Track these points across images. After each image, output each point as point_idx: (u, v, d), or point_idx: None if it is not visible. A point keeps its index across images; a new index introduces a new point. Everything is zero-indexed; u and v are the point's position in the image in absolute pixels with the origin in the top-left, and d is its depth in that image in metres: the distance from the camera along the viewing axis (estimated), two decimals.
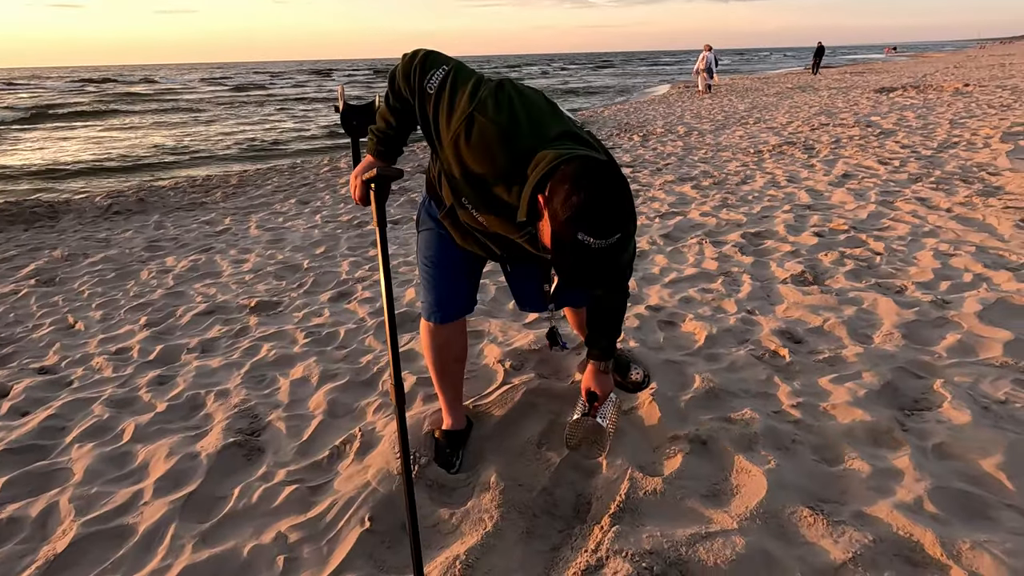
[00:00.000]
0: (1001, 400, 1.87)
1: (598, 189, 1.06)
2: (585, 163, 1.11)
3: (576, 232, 1.05)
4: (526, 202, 1.18)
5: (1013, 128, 6.90)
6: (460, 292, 1.69)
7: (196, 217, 5.44)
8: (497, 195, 1.27)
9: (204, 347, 2.71)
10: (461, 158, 1.26)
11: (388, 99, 1.42)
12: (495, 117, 1.22)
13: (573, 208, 1.05)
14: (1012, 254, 3.03)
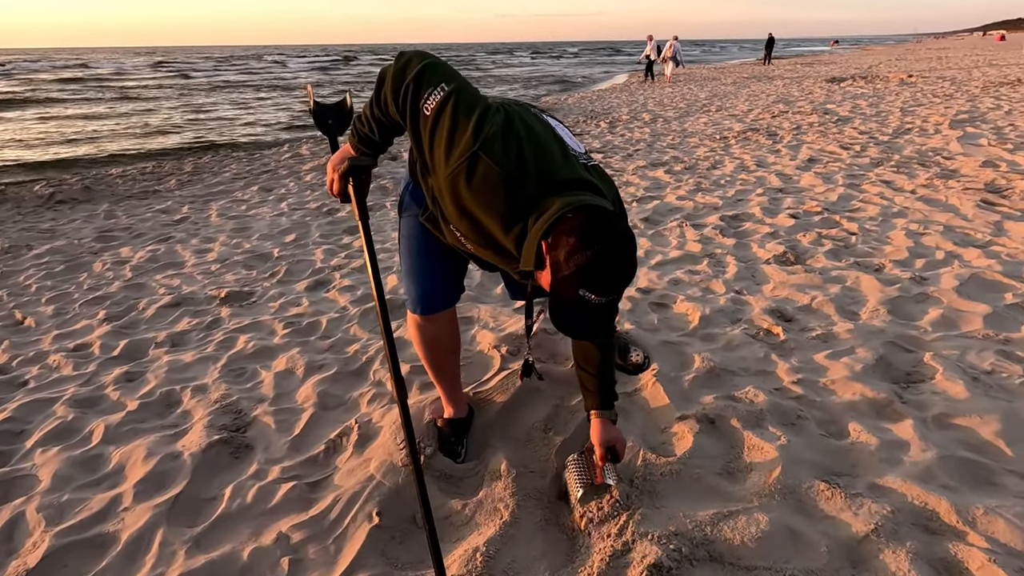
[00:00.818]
0: (988, 371, 1.93)
1: (604, 248, 1.01)
2: (592, 216, 1.04)
3: (578, 289, 1.01)
4: (532, 252, 1.10)
5: (959, 116, 7.24)
6: (446, 281, 1.57)
7: (150, 206, 5.12)
8: (492, 234, 1.19)
9: (174, 341, 2.53)
10: (458, 196, 1.15)
11: (373, 107, 1.24)
12: (502, 161, 1.10)
13: (577, 266, 1.01)
14: (977, 232, 3.16)
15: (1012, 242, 2.98)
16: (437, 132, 1.13)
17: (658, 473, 1.53)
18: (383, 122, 1.25)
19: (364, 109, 1.28)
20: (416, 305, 1.58)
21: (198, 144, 9.46)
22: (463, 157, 1.10)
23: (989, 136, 5.79)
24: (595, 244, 1.01)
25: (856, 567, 1.25)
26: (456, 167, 1.11)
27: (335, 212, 4.56)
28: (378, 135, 1.28)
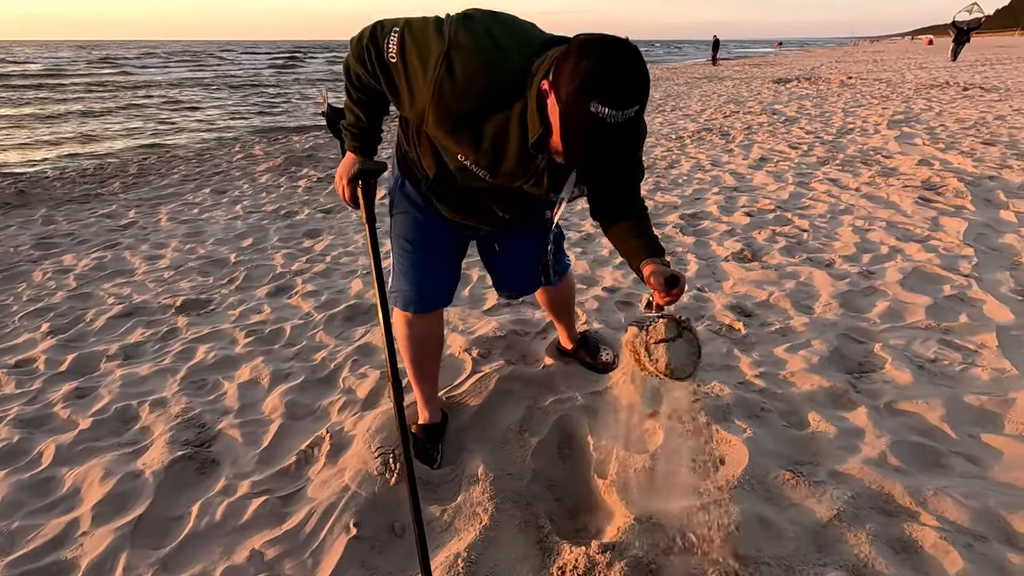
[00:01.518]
0: (932, 359, 2.06)
1: (611, 52, 0.92)
2: (591, 35, 0.97)
3: (589, 103, 0.90)
4: (535, 110, 1.02)
5: (895, 116, 7.66)
6: (442, 279, 1.59)
7: (93, 210, 4.85)
8: (496, 134, 1.12)
9: (127, 353, 2.41)
10: (449, 106, 1.09)
11: (350, 92, 1.29)
12: (474, 48, 1.07)
13: (584, 75, 0.90)
14: (916, 228, 3.36)
15: (948, 236, 3.18)
16: (408, 67, 1.12)
17: (632, 470, 1.57)
18: (364, 100, 1.27)
19: (344, 104, 1.32)
20: (409, 303, 1.56)
21: (137, 144, 9.03)
22: (437, 64, 1.07)
23: (923, 136, 6.15)
24: (599, 50, 0.92)
25: (822, 551, 1.32)
26: (435, 77, 1.07)
27: (293, 215, 4.45)
28: (366, 119, 1.30)
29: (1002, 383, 1.89)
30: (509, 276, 1.76)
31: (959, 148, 5.46)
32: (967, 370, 1.98)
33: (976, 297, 2.48)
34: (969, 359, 2.04)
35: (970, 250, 2.95)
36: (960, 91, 10.49)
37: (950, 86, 11.36)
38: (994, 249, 3.01)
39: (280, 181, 5.64)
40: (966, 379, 1.93)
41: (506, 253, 1.68)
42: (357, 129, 1.34)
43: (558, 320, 2.06)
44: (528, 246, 1.58)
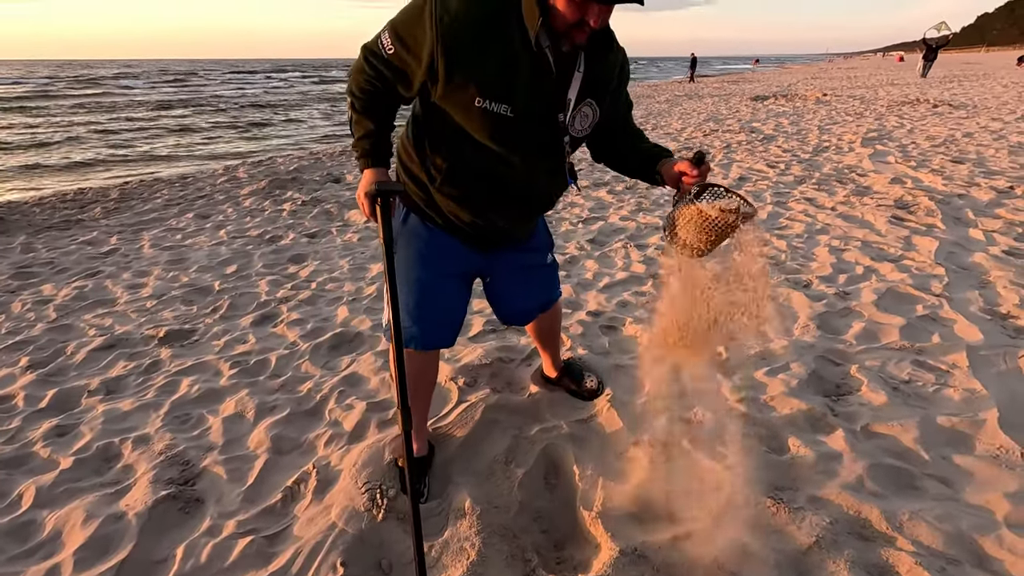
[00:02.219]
0: (906, 380, 2.12)
1: None
2: None
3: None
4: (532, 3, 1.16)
5: (869, 134, 7.89)
6: (447, 317, 1.59)
7: (74, 237, 4.80)
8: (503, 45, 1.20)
9: (109, 388, 2.39)
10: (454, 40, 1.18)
11: (354, 106, 1.39)
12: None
13: None
14: (890, 247, 3.46)
15: (920, 256, 3.27)
16: (406, 40, 1.24)
17: (617, 500, 1.59)
18: (369, 106, 1.36)
19: (351, 123, 1.41)
20: (411, 340, 1.56)
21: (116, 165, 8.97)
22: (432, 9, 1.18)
23: (896, 154, 6.33)
24: None
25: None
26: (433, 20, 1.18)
27: (278, 240, 4.44)
28: (374, 124, 1.38)
29: (972, 403, 1.95)
30: (515, 295, 1.74)
31: (930, 166, 5.63)
32: (939, 391, 2.04)
33: (947, 317, 2.56)
34: (941, 380, 2.11)
35: (941, 269, 3.04)
36: (930, 108, 10.83)
37: (920, 103, 11.72)
38: (964, 268, 3.11)
39: (264, 205, 5.63)
40: (939, 400, 1.98)
41: (507, 279, 1.68)
42: (366, 139, 1.40)
43: (543, 348, 2.09)
44: (529, 269, 1.66)
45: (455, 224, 1.48)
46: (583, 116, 1.35)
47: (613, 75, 1.37)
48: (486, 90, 1.23)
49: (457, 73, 1.21)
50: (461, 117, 1.28)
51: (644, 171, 1.47)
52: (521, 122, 1.27)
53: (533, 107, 1.27)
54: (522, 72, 1.22)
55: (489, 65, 1.21)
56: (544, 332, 2.03)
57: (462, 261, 1.56)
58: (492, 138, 1.29)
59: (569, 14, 1.13)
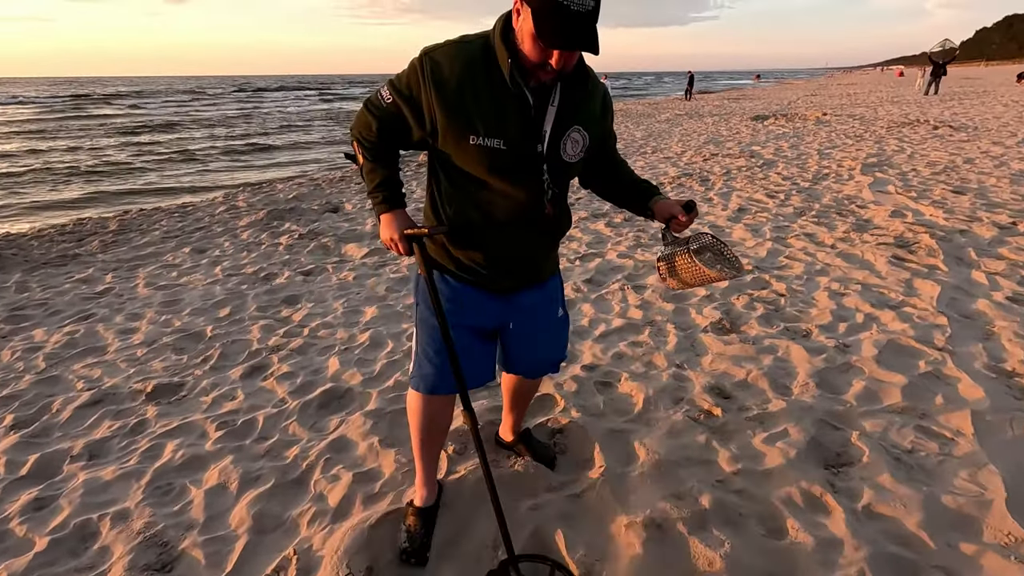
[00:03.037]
0: (909, 449, 2.06)
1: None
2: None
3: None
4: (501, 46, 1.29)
5: (868, 160, 7.87)
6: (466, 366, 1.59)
7: (69, 274, 4.79)
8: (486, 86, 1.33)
9: (92, 452, 2.34)
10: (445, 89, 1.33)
11: (363, 149, 1.51)
12: (442, 43, 1.37)
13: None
14: (891, 291, 3.40)
15: (921, 302, 3.22)
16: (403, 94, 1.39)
17: None
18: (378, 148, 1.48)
19: (363, 171, 1.54)
20: (432, 388, 1.63)
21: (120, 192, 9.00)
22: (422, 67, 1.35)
23: (896, 183, 6.30)
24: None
25: None
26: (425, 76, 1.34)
27: (273, 277, 4.41)
28: (386, 167, 1.51)
29: (979, 479, 1.88)
30: (524, 351, 1.75)
31: (931, 197, 5.59)
32: (944, 462, 1.97)
33: (951, 375, 2.49)
34: (946, 449, 2.04)
35: (943, 319, 2.98)
36: (930, 130, 10.82)
37: (921, 124, 11.72)
38: (967, 316, 3.05)
39: (262, 238, 5.62)
40: (943, 474, 1.92)
41: (524, 326, 1.69)
42: (383, 186, 1.52)
43: (511, 408, 2.06)
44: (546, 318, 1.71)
45: (471, 268, 1.55)
46: (573, 142, 1.45)
47: (594, 104, 1.47)
48: (478, 128, 1.35)
49: (450, 116, 1.35)
50: (460, 158, 1.40)
51: (635, 205, 1.62)
52: (514, 154, 1.38)
53: (522, 139, 1.38)
54: (509, 108, 1.34)
55: (477, 105, 1.34)
56: (521, 393, 2.00)
57: (480, 312, 1.61)
58: (491, 171, 1.39)
59: (533, 56, 1.25)
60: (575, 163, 1.49)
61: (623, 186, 1.63)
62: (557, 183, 1.48)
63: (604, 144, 1.59)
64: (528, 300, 1.67)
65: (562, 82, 1.36)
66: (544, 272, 1.69)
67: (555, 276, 1.76)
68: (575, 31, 1.19)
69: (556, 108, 1.38)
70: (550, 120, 1.38)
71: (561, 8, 1.17)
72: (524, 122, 1.36)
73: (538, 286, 1.68)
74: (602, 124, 1.52)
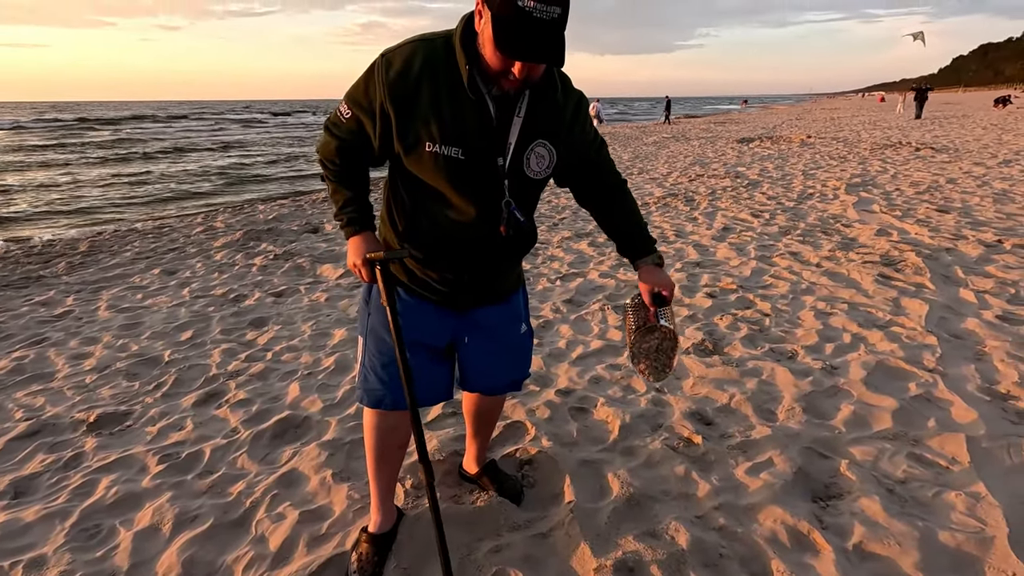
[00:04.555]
0: (901, 480, 1.91)
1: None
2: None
3: (516, 1, 1.06)
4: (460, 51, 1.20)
5: (853, 180, 7.88)
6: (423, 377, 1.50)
7: (28, 297, 4.58)
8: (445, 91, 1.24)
9: (18, 490, 2.14)
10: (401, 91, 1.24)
11: (329, 173, 1.44)
12: (400, 43, 1.27)
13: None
14: (878, 311, 3.29)
15: (909, 321, 3.11)
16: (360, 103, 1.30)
17: None
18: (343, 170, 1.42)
19: (329, 192, 1.48)
20: (379, 402, 1.52)
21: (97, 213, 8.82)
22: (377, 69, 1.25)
23: (880, 202, 6.27)
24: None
25: None
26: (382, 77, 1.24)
27: (242, 299, 4.24)
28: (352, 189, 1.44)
29: (977, 512, 1.73)
30: (481, 372, 1.62)
31: (915, 216, 5.55)
32: (940, 494, 1.82)
33: (943, 397, 2.37)
34: (941, 479, 1.90)
35: (933, 339, 2.87)
36: (913, 151, 10.94)
37: (903, 146, 11.86)
38: (956, 336, 2.93)
39: (236, 258, 5.46)
40: (939, 508, 1.77)
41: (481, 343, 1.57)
42: (348, 206, 1.44)
43: (474, 435, 1.91)
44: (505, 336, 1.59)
45: (425, 282, 1.45)
46: (539, 157, 1.34)
47: (563, 117, 1.35)
48: (435, 135, 1.25)
49: (407, 122, 1.26)
50: (418, 167, 1.30)
51: (624, 253, 1.55)
52: (474, 164, 1.28)
53: (483, 149, 1.28)
54: (469, 116, 1.25)
55: (435, 111, 1.24)
56: (481, 415, 1.86)
57: (435, 328, 1.51)
58: (449, 181, 1.30)
59: (494, 64, 1.16)
60: (540, 180, 1.38)
61: (615, 226, 1.53)
62: (519, 200, 1.37)
63: (585, 158, 1.46)
64: (487, 317, 1.55)
65: (531, 91, 1.26)
66: (505, 289, 1.57)
67: (517, 292, 1.63)
68: (538, 41, 1.09)
69: (522, 119, 1.28)
70: (515, 132, 1.28)
71: (523, 15, 1.06)
72: (485, 132, 1.26)
73: (499, 303, 1.56)
74: (575, 137, 1.40)
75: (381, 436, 1.59)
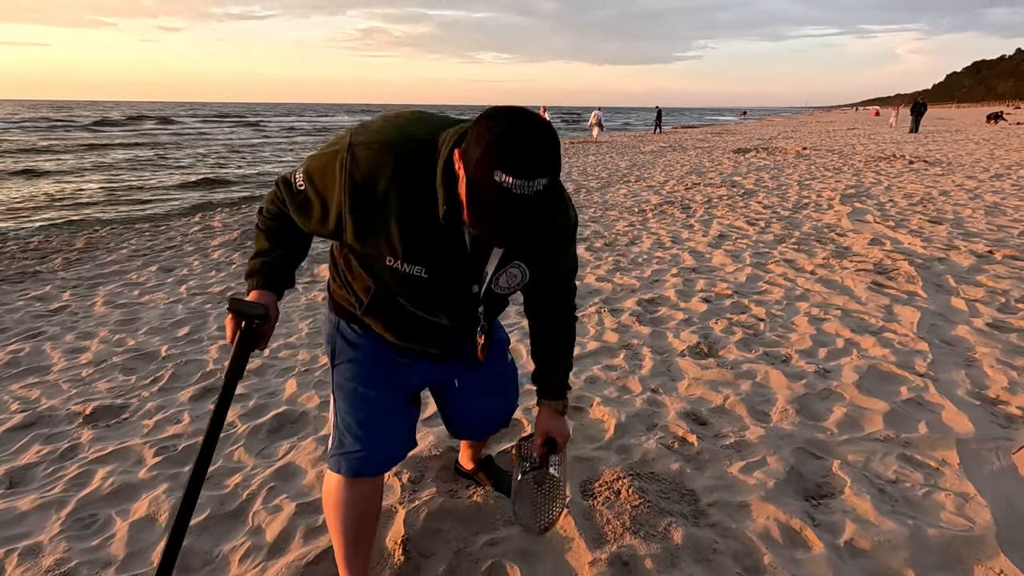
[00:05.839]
0: (892, 480, 1.93)
1: (517, 122, 0.91)
2: (502, 106, 0.96)
3: (492, 172, 0.87)
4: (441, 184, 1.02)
5: (847, 191, 7.96)
6: (396, 435, 1.36)
7: (24, 291, 4.57)
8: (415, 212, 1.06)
9: (13, 479, 2.13)
10: (363, 201, 1.07)
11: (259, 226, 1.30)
12: (376, 134, 1.08)
13: (488, 143, 0.89)
14: (871, 317, 3.33)
15: (901, 328, 3.15)
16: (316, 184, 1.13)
17: None
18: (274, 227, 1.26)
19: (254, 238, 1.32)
20: (359, 467, 1.30)
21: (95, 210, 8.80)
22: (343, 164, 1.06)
23: (874, 212, 6.34)
24: (506, 119, 0.91)
25: None
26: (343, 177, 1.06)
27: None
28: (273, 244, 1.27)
29: (966, 512, 1.76)
30: (466, 411, 1.54)
31: (908, 226, 5.62)
32: (930, 495, 1.85)
33: (934, 401, 2.40)
34: (931, 480, 1.92)
35: (924, 344, 2.91)
36: (906, 164, 11.06)
37: (897, 159, 11.99)
38: (947, 343, 2.98)
39: (233, 257, 5.46)
40: (929, 508, 1.80)
41: (467, 385, 1.46)
42: (260, 257, 1.27)
43: (469, 445, 1.91)
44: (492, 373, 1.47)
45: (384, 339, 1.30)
46: (510, 276, 1.20)
47: (549, 246, 1.21)
48: (398, 252, 1.11)
49: (366, 232, 1.10)
50: (376, 267, 1.17)
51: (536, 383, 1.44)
52: (438, 284, 1.15)
53: (450, 273, 1.15)
54: (441, 242, 1.09)
55: (401, 230, 1.08)
56: (475, 443, 1.86)
57: (408, 370, 1.36)
58: (405, 295, 1.19)
59: (469, 222, 0.97)
60: (508, 294, 1.25)
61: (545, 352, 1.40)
62: (490, 313, 1.27)
63: (554, 281, 1.31)
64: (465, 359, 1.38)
65: None
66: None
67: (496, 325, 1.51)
68: (517, 221, 0.91)
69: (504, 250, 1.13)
70: (494, 261, 1.14)
71: (500, 191, 0.88)
72: (458, 261, 1.13)
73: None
74: (554, 263, 1.26)
75: (357, 511, 1.35)
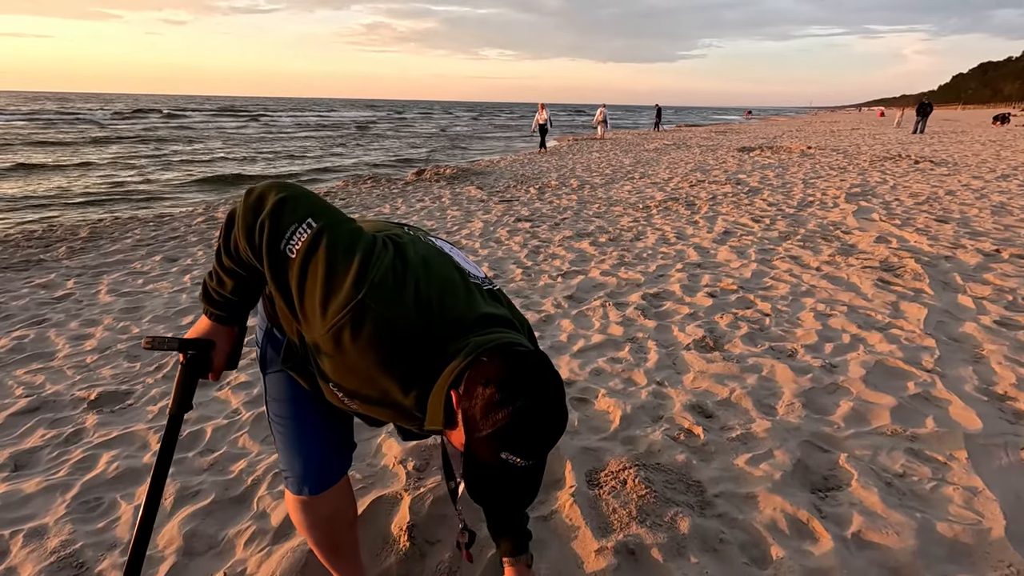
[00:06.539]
0: (900, 473, 1.93)
1: (530, 402, 0.84)
2: (512, 361, 0.87)
3: (500, 452, 0.84)
4: (440, 408, 0.91)
5: (852, 189, 7.93)
6: (337, 445, 1.25)
7: (29, 279, 4.57)
8: (387, 391, 0.97)
9: (18, 463, 2.13)
10: (342, 353, 0.94)
11: (222, 256, 1.02)
12: (396, 305, 0.91)
13: (498, 425, 0.83)
14: (877, 313, 3.32)
15: (908, 324, 3.13)
16: (308, 279, 0.92)
17: None
18: (237, 272, 1.02)
19: (214, 264, 1.06)
20: (303, 484, 1.20)
21: (97, 202, 8.81)
22: (346, 308, 0.89)
23: (880, 211, 6.32)
24: (518, 398, 0.84)
25: None
26: (337, 321, 0.90)
27: None
28: (232, 291, 1.04)
29: (975, 506, 1.75)
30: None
31: (914, 224, 5.59)
32: (938, 488, 1.84)
33: (941, 396, 2.39)
34: (939, 474, 1.91)
35: (931, 341, 2.89)
36: (912, 164, 11.01)
37: (902, 159, 11.93)
38: (955, 339, 2.96)
39: None
40: (937, 501, 1.79)
41: None
42: (219, 295, 1.07)
43: None
44: None
45: None
46: None
47: None
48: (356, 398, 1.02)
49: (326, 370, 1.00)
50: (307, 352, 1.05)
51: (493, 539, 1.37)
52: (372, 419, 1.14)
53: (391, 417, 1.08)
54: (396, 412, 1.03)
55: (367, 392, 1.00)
56: None
57: None
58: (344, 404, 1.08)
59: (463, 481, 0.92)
60: None
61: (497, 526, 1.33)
62: None
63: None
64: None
65: None
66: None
67: None
68: (514, 489, 0.89)
69: None
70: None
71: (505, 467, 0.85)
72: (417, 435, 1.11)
73: None
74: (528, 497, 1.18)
75: (323, 528, 1.27)
